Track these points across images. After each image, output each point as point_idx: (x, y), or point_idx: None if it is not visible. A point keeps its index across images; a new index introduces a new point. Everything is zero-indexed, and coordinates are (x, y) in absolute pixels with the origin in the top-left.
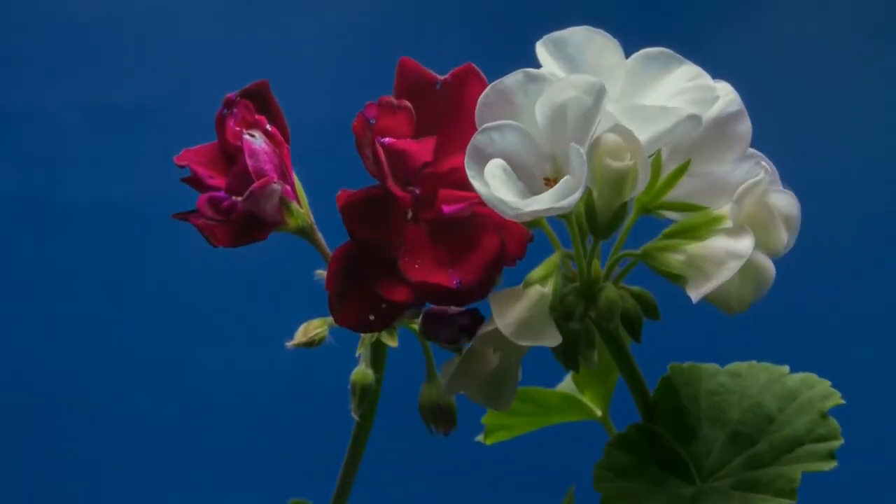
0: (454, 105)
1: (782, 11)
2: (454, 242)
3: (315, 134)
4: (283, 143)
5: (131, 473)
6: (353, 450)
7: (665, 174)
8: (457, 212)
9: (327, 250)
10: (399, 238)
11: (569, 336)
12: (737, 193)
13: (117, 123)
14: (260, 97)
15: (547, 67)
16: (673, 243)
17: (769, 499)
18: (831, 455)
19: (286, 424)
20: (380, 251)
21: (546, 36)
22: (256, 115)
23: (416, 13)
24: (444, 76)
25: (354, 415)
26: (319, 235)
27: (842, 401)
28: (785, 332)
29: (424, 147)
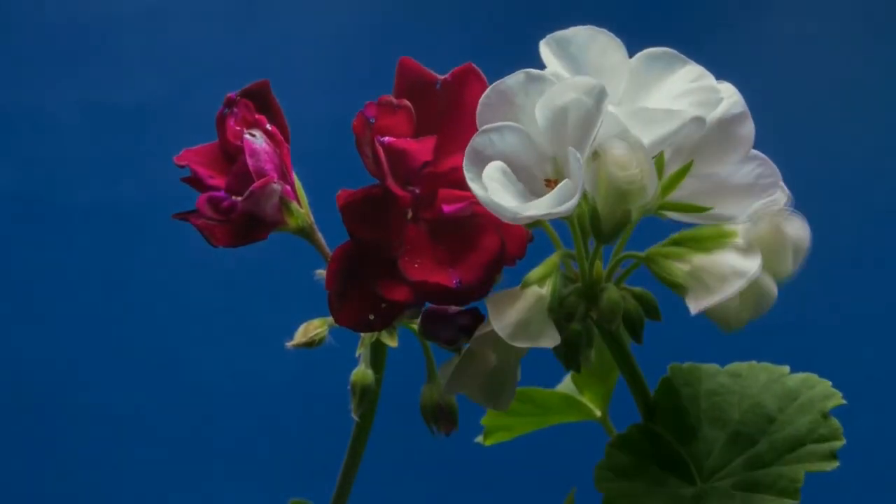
0: (454, 105)
1: (782, 11)
2: (454, 242)
3: (315, 134)
4: (284, 143)
5: (131, 473)
6: (353, 450)
7: (668, 175)
8: (457, 211)
9: (327, 250)
10: (399, 237)
11: (570, 336)
12: (753, 212)
13: (117, 123)
14: (260, 97)
15: (550, 66)
16: (679, 251)
17: (772, 499)
18: (833, 455)
19: (286, 424)
20: (380, 251)
21: (549, 35)
22: (257, 115)
23: (416, 13)
24: (444, 76)
25: (354, 415)
26: (319, 235)
27: (843, 401)
28: (785, 332)
29: (424, 146)
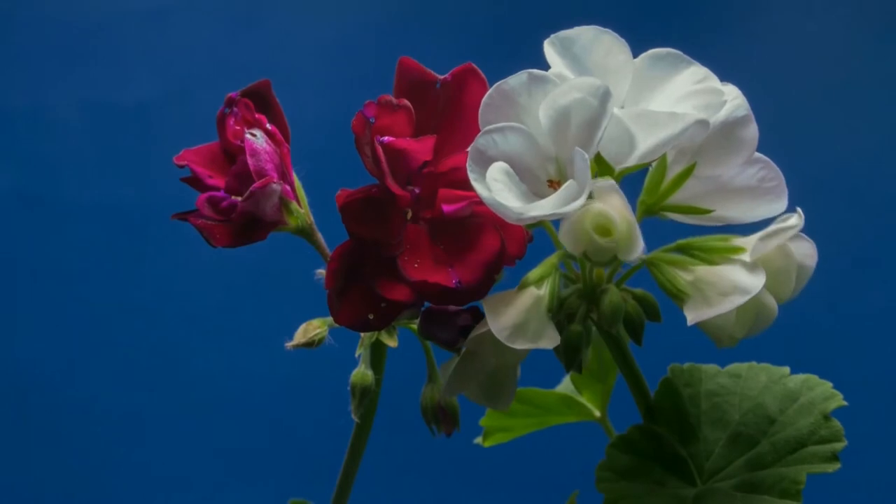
0: (454, 104)
1: (782, 11)
2: (454, 241)
3: (315, 134)
4: (284, 143)
5: (131, 473)
6: (353, 450)
7: (671, 177)
8: (456, 211)
9: (327, 250)
10: (398, 237)
11: (571, 337)
12: (765, 231)
13: (117, 123)
14: (261, 96)
15: (554, 66)
16: (684, 260)
17: (774, 500)
18: (834, 457)
19: (286, 424)
20: (379, 250)
21: (553, 35)
22: (257, 115)
23: (417, 13)
24: (444, 76)
25: (354, 416)
26: (319, 235)
27: (844, 402)
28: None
29: (424, 146)
